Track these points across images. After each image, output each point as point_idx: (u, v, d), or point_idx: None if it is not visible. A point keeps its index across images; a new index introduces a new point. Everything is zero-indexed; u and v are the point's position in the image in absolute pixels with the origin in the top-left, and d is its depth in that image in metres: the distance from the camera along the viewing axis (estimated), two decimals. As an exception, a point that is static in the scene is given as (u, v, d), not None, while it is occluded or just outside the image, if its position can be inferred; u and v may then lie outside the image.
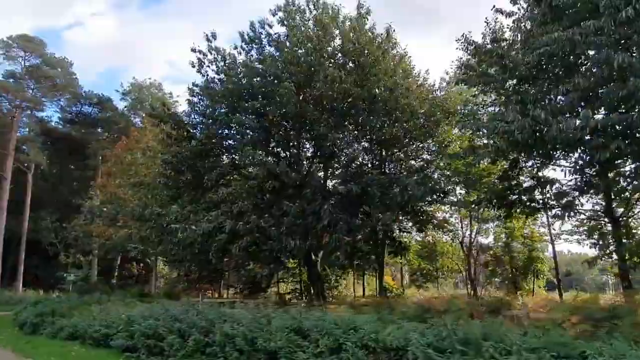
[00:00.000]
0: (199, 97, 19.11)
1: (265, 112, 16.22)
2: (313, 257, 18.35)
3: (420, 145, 19.89)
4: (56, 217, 48.42)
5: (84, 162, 50.12)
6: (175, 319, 11.47)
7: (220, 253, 15.41)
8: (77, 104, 51.57)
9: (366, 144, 15.05)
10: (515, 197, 15.47)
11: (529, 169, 16.47)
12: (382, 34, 19.17)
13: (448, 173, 21.45)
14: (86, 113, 52.90)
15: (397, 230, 17.32)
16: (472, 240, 27.00)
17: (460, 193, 22.84)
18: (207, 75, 19.19)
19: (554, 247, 22.13)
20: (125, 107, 51.77)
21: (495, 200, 15.81)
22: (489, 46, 16.04)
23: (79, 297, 24.52)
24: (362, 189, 14.64)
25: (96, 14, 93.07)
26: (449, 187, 18.82)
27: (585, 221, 18.69)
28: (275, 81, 16.45)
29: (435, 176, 19.35)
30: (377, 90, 16.44)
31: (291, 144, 17.23)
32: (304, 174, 16.50)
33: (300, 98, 15.51)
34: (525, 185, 15.61)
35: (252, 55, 18.60)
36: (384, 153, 18.69)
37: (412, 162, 20.05)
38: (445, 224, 26.86)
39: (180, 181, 18.38)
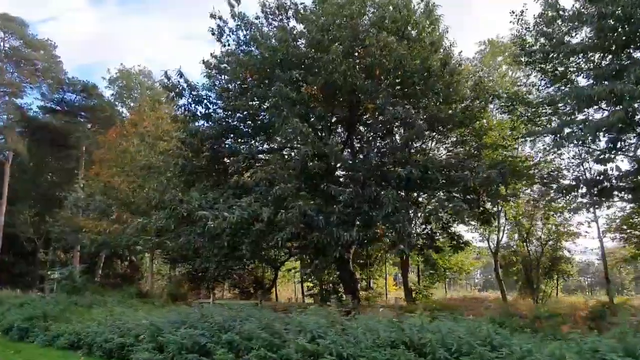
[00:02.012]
0: (218, 70, 16.59)
1: (306, 84, 13.93)
2: (345, 254, 16.06)
3: (465, 130, 17.77)
4: (35, 211, 45.03)
5: (66, 152, 46.69)
6: (221, 328, 9.05)
7: (255, 246, 13.04)
8: (60, 90, 47.96)
9: (424, 124, 12.90)
10: (610, 183, 13.48)
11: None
12: (421, 7, 17.06)
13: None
14: (69, 101, 49.28)
15: (454, 222, 15.19)
16: (500, 237, 25.14)
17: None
18: (229, 44, 16.78)
19: (602, 245, 20.33)
20: (112, 95, 48.48)
21: (584, 187, 13.85)
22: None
23: (67, 297, 21.74)
24: (422, 173, 12.48)
25: (74, 9, 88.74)
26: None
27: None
28: (313, 50, 14.17)
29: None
30: (432, 63, 14.31)
31: (336, 119, 14.88)
32: (354, 154, 14.23)
33: (348, 67, 13.21)
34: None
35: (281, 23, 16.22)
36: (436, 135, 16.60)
37: (460, 148, 17.93)
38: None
39: (200, 163, 15.88)
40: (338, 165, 13.61)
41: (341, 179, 13.88)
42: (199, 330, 9.21)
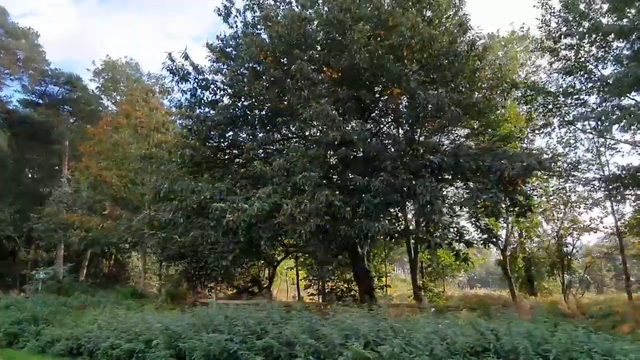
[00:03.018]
0: (223, 54, 15.34)
1: (327, 66, 12.83)
2: (359, 249, 15.06)
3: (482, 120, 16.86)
4: (15, 208, 42.98)
5: (49, 147, 44.67)
6: (253, 332, 7.93)
7: (275, 240, 11.92)
8: (42, 82, 45.87)
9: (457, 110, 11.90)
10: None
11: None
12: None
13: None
14: (51, 93, 47.23)
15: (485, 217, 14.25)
16: (509, 234, 24.41)
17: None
18: (236, 26, 15.58)
19: (620, 240, 19.63)
20: (98, 87, 46.57)
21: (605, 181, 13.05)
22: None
23: (55, 298, 20.29)
24: (454, 161, 11.51)
25: (54, 4, 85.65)
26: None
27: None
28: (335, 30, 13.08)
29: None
30: (459, 45, 13.35)
31: (359, 104, 13.78)
32: (381, 141, 13.18)
33: (375, 47, 12.14)
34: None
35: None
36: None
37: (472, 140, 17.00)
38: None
39: (206, 153, 14.64)
40: (362, 152, 12.49)
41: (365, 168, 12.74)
42: (225, 334, 8.08)
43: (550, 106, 17.98)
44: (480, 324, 6.54)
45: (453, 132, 18.18)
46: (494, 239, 12.58)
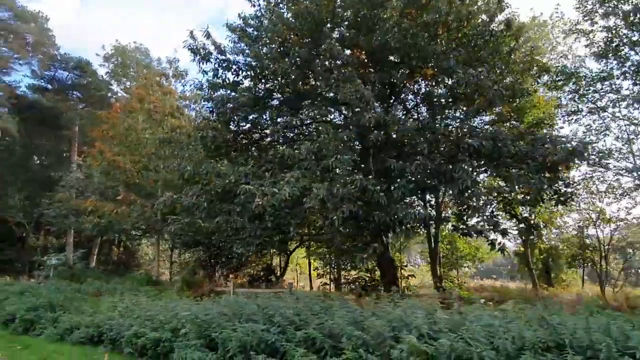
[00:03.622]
0: (244, 34, 14.70)
1: (356, 45, 12.20)
2: (383, 237, 14.51)
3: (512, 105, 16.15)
4: (25, 194, 42.76)
5: (58, 133, 44.27)
6: (291, 323, 7.43)
7: (303, 226, 11.41)
8: (52, 67, 45.35)
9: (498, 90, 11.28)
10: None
11: None
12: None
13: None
14: (61, 79, 46.75)
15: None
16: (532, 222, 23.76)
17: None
18: (259, 5, 14.90)
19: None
20: (107, 73, 46.00)
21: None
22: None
23: (68, 285, 19.95)
24: (493, 145, 10.88)
25: None
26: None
27: None
28: (364, 9, 12.40)
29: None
30: (498, 24, 12.65)
31: (390, 86, 13.12)
32: (416, 123, 12.54)
33: (410, 25, 11.47)
34: None
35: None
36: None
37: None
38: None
39: (228, 135, 14.06)
40: (395, 135, 11.86)
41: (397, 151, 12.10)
42: (260, 324, 7.58)
43: (581, 91, 17.25)
44: (549, 318, 5.99)
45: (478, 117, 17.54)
46: (533, 229, 11.99)
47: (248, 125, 14.52)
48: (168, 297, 13.65)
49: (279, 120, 13.47)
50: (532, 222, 12.52)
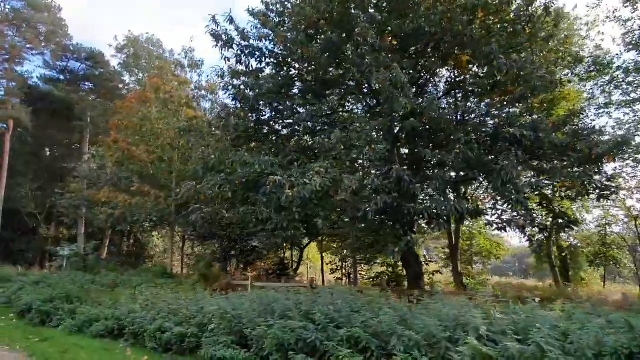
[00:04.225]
0: (265, 22, 14.09)
1: (387, 29, 11.61)
2: (409, 232, 13.95)
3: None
4: (37, 185, 42.67)
5: (70, 124, 44.00)
6: (331, 320, 6.93)
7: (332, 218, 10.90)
8: (64, 58, 45.06)
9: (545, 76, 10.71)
10: None
11: None
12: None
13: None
14: (73, 69, 46.47)
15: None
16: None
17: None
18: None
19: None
20: (119, 64, 45.64)
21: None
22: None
23: (83, 276, 19.63)
24: (535, 136, 10.25)
25: None
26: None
27: None
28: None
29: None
30: (536, 8, 11.97)
31: (421, 72, 12.50)
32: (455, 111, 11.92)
33: (448, 8, 10.85)
34: None
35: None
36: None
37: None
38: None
39: (251, 123, 13.54)
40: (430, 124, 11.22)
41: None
42: (296, 321, 7.09)
43: (614, 83, 16.55)
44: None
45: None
46: (572, 224, 11.37)
47: (273, 113, 13.96)
48: (185, 290, 13.20)
49: (300, 110, 12.89)
50: (563, 213, 11.86)
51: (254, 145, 13.39)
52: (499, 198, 10.68)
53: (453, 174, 11.02)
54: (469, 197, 14.04)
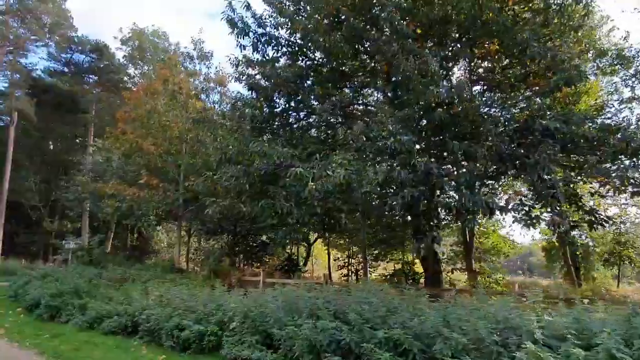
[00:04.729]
0: (280, 11, 13.54)
1: (413, 16, 11.11)
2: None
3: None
4: (40, 177, 42.34)
5: (74, 117, 43.61)
6: (366, 320, 6.50)
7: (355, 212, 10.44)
8: (69, 50, 44.60)
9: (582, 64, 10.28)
10: None
11: None
12: None
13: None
14: (78, 62, 46.02)
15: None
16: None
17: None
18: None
19: None
20: (125, 56, 45.14)
21: None
22: None
23: (91, 270, 19.22)
24: (568, 129, 9.75)
25: None
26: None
27: None
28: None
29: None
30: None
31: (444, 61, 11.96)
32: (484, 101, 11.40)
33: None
34: None
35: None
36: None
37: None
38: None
39: (267, 114, 13.06)
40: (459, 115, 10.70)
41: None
42: (326, 321, 6.66)
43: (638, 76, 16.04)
44: None
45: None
46: (603, 222, 10.89)
47: (289, 104, 13.47)
48: (198, 286, 12.78)
49: (314, 103, 12.38)
50: (592, 209, 11.35)
51: (268, 137, 12.91)
52: (528, 193, 10.22)
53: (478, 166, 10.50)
54: (496, 192, 13.54)
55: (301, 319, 7.02)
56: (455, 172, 10.16)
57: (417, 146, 10.49)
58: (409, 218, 14.05)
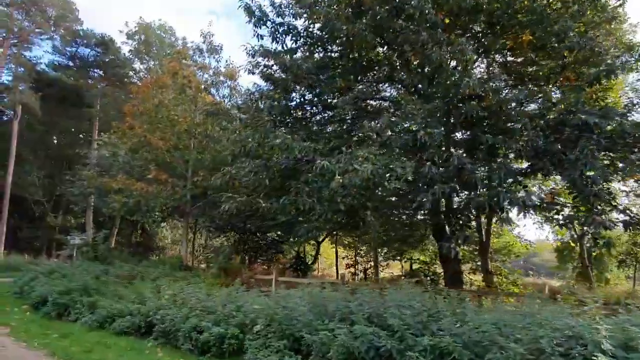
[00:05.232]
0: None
1: (440, 5, 10.54)
2: (447, 226, 13.04)
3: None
4: (44, 172, 41.91)
5: (78, 111, 43.14)
6: (408, 326, 6.00)
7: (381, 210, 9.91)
8: (74, 43, 44.10)
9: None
10: None
11: None
12: None
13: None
14: (83, 55, 45.50)
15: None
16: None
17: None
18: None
19: None
20: (130, 51, 44.63)
21: None
22: None
23: (96, 266, 18.75)
24: (607, 124, 9.21)
25: None
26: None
27: None
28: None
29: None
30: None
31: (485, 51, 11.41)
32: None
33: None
34: None
35: None
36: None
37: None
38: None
39: (285, 107, 12.52)
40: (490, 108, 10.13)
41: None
42: (363, 326, 6.15)
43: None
44: None
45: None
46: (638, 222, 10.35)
47: (307, 96, 12.96)
48: (212, 285, 12.32)
49: (334, 98, 11.83)
50: (626, 208, 10.77)
51: (285, 131, 12.37)
52: (565, 191, 9.70)
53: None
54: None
55: (333, 322, 6.52)
56: (486, 168, 9.62)
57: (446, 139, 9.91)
58: (429, 217, 13.60)
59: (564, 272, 32.63)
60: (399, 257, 22.14)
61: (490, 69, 12.02)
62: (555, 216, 10.24)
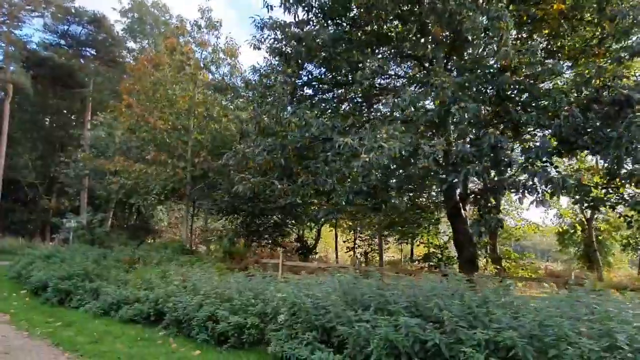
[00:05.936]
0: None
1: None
2: (462, 210, 12.54)
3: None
4: (37, 154, 40.92)
5: (70, 91, 41.96)
6: (459, 317, 5.44)
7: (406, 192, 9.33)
8: (65, 21, 42.63)
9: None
10: None
11: None
12: None
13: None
14: (75, 34, 44.06)
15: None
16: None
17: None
18: None
19: None
20: (124, 29, 43.29)
21: None
22: None
23: (94, 250, 18.12)
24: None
25: None
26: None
27: None
28: None
29: None
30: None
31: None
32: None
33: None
34: None
35: None
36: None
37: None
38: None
39: (298, 82, 11.78)
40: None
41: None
42: (402, 316, 5.58)
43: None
44: None
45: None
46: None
47: (322, 71, 12.22)
48: (220, 269, 11.75)
49: (342, 75, 11.08)
50: None
51: (307, 106, 11.62)
52: (602, 170, 9.14)
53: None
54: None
55: (368, 313, 5.96)
56: (520, 147, 9.03)
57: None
58: (445, 199, 13.06)
59: (567, 256, 32.43)
60: (406, 241, 21.62)
61: (519, 41, 11.31)
62: (585, 197, 9.67)
